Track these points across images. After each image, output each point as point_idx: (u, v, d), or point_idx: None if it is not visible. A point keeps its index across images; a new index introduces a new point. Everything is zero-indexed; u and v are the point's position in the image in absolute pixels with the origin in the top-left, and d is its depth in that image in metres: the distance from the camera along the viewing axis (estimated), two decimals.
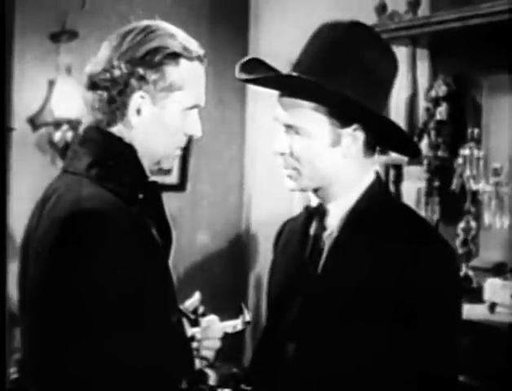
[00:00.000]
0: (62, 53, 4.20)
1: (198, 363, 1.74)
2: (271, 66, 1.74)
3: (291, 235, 1.87)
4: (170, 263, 1.69)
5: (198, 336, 1.74)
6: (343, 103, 1.66)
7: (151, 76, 1.62)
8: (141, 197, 1.65)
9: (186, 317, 1.75)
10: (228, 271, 4.71)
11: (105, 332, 1.50)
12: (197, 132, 1.71)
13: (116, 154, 1.64)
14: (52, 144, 4.21)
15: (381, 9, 3.47)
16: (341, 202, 1.74)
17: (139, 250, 1.56)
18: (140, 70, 1.62)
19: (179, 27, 1.70)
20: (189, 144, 1.75)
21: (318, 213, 1.77)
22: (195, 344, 1.73)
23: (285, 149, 1.71)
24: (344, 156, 1.71)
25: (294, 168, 1.71)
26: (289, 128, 1.70)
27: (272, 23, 4.58)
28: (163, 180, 1.74)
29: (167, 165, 1.71)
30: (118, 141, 1.65)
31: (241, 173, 4.79)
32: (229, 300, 3.85)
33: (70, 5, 4.18)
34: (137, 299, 1.53)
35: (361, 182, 1.74)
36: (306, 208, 1.82)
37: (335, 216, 1.74)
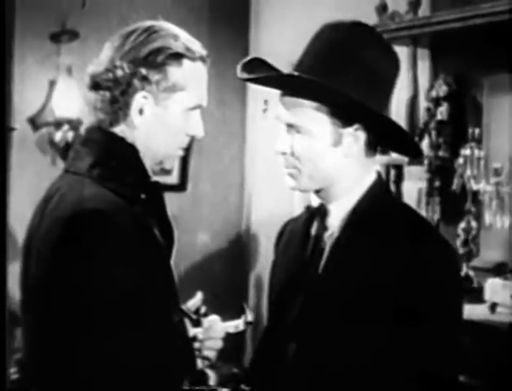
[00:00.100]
0: (63, 53, 4.20)
1: (200, 363, 1.74)
2: (273, 66, 1.74)
3: (292, 235, 1.87)
4: (172, 263, 1.69)
5: (200, 337, 1.74)
6: (345, 103, 1.66)
7: (153, 76, 1.63)
8: (143, 197, 1.65)
9: (188, 317, 1.75)
10: (228, 271, 4.71)
11: (107, 332, 1.50)
12: (199, 132, 1.71)
13: (118, 154, 1.64)
14: (53, 144, 4.22)
15: (381, 9, 3.47)
16: (342, 202, 1.74)
17: (141, 250, 1.56)
18: (143, 70, 1.62)
19: (180, 27, 1.70)
20: (190, 144, 1.75)
21: (319, 213, 1.77)
22: (197, 344, 1.73)
23: (287, 148, 1.71)
24: (345, 156, 1.71)
25: (295, 167, 1.71)
26: (291, 127, 1.70)
27: (273, 23, 4.58)
28: (164, 180, 1.73)
29: (169, 165, 1.71)
30: (120, 141, 1.65)
31: (242, 172, 4.79)
32: (229, 299, 3.85)
33: (71, 5, 4.18)
34: (139, 299, 1.53)
35: (362, 182, 1.74)
36: (307, 208, 1.82)
37: (336, 216, 1.74)
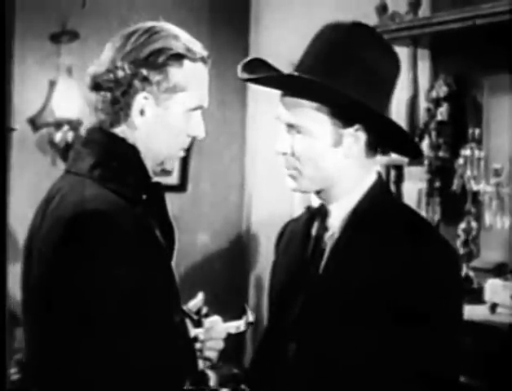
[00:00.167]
0: (63, 54, 4.20)
1: (201, 364, 1.74)
2: (273, 66, 1.74)
3: (293, 236, 1.87)
4: (172, 263, 1.69)
5: (201, 337, 1.74)
6: (345, 103, 1.66)
7: (154, 77, 1.62)
8: (144, 198, 1.65)
9: (189, 318, 1.75)
10: (228, 271, 4.71)
11: (108, 333, 1.50)
12: (201, 133, 1.71)
13: (119, 155, 1.64)
14: (53, 145, 4.22)
15: (381, 9, 3.47)
16: (342, 203, 1.74)
17: (143, 251, 1.56)
18: (144, 71, 1.62)
19: (180, 28, 1.70)
20: (190, 145, 1.75)
21: (320, 214, 1.77)
22: (198, 344, 1.73)
23: (287, 149, 1.71)
24: (346, 157, 1.71)
25: (295, 168, 1.71)
26: (291, 127, 1.70)
27: (273, 24, 4.58)
28: (164, 180, 1.73)
29: (170, 166, 1.71)
30: (121, 142, 1.65)
31: (242, 173, 4.79)
32: (229, 299, 3.86)
33: (71, 6, 4.18)
34: (140, 299, 1.53)
35: (363, 183, 1.74)
36: (307, 208, 1.82)
37: (337, 217, 1.74)
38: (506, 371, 2.63)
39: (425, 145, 3.38)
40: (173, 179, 4.40)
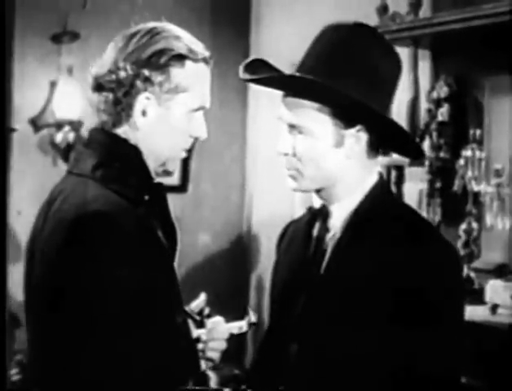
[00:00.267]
0: (63, 54, 4.20)
1: (204, 365, 1.74)
2: (274, 66, 1.74)
3: (294, 236, 1.87)
4: (175, 264, 1.70)
5: (204, 338, 1.74)
6: (347, 104, 1.66)
7: (156, 77, 1.62)
8: (146, 199, 1.65)
9: (191, 318, 1.75)
10: (230, 271, 4.71)
11: (111, 333, 1.50)
12: (203, 134, 1.71)
13: (121, 155, 1.64)
14: (54, 145, 4.22)
15: (382, 10, 3.47)
16: (344, 203, 1.74)
17: (145, 251, 1.56)
18: (146, 71, 1.62)
19: (181, 28, 1.70)
20: (192, 145, 1.74)
21: (321, 215, 1.77)
22: (200, 345, 1.73)
23: (288, 149, 1.71)
24: (347, 157, 1.71)
25: (297, 169, 1.72)
26: (293, 128, 1.70)
27: (274, 24, 4.58)
28: (164, 181, 1.73)
29: (172, 167, 1.71)
30: (123, 142, 1.65)
31: (243, 173, 4.79)
32: (230, 300, 3.86)
33: (71, 6, 4.19)
34: (142, 300, 1.53)
35: (364, 183, 1.74)
36: (309, 209, 1.82)
37: (338, 217, 1.74)
38: (507, 372, 2.63)
39: (426, 146, 3.38)
40: (174, 180, 4.40)
